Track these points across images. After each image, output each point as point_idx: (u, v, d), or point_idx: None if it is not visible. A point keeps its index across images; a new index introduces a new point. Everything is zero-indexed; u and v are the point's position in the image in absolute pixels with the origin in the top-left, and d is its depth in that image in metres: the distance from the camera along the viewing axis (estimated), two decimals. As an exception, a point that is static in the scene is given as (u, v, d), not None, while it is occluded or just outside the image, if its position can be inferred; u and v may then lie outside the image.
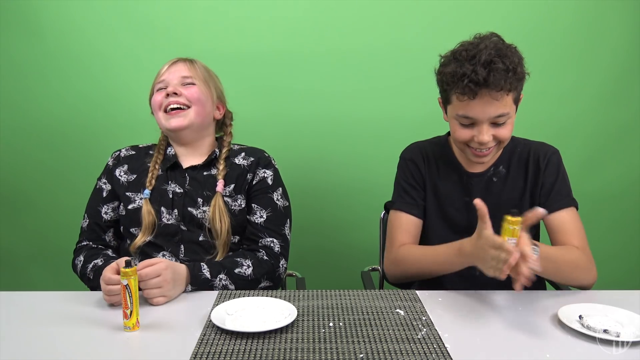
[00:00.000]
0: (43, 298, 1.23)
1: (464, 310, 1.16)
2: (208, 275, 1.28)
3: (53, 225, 2.21)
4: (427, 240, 1.43)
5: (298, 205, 1.85)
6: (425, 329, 1.05)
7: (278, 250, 1.41)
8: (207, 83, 1.46)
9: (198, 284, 1.26)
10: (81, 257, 1.39)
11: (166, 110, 1.41)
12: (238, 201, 1.43)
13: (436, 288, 1.30)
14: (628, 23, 2.09)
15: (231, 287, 1.30)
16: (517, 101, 1.29)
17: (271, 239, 1.41)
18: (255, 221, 1.42)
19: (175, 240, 1.39)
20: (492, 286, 1.36)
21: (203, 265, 1.30)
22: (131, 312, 1.04)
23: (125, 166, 1.47)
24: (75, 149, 2.16)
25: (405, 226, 1.42)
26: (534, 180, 1.37)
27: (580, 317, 1.07)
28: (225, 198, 1.41)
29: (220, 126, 1.55)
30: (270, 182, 1.45)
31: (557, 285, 1.52)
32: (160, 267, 1.18)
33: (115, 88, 2.09)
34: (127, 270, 1.05)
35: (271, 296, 1.18)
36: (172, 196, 1.41)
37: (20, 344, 1.01)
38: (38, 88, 2.12)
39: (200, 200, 1.41)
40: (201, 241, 1.39)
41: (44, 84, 2.11)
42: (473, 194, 1.38)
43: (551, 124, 2.14)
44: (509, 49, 1.22)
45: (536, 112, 2.11)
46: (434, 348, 0.98)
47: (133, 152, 1.51)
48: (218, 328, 1.04)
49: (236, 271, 1.31)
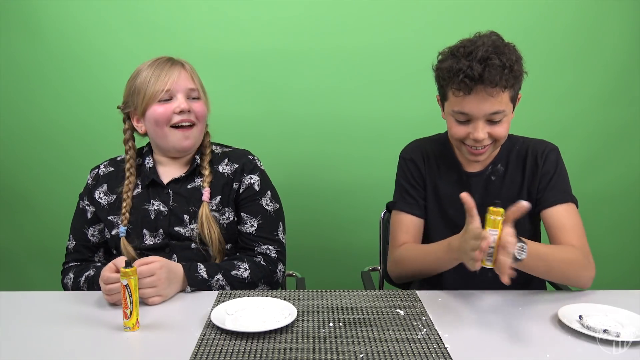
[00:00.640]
0: (43, 298, 1.23)
1: (464, 310, 1.16)
2: (205, 275, 1.27)
3: (53, 225, 2.20)
4: (430, 240, 1.42)
5: (298, 205, 1.85)
6: (425, 329, 1.05)
7: (275, 255, 1.39)
8: (205, 92, 1.40)
9: (195, 284, 1.26)
10: (70, 275, 1.37)
11: (174, 126, 1.34)
12: (226, 214, 1.39)
13: (436, 288, 1.30)
14: (628, 23, 2.09)
15: (227, 289, 1.29)
16: (515, 100, 1.28)
17: (266, 246, 1.39)
18: (247, 231, 1.39)
19: (166, 252, 1.36)
20: (492, 286, 1.36)
21: (200, 265, 1.29)
22: (131, 312, 1.04)
23: (104, 186, 1.42)
24: (75, 149, 2.16)
25: (405, 226, 1.42)
26: (532, 176, 1.36)
27: (580, 317, 1.07)
28: (212, 213, 1.37)
29: None
30: (257, 188, 1.41)
31: (557, 285, 1.52)
32: (154, 267, 1.17)
33: (115, 88, 2.06)
34: (127, 270, 1.05)
35: (271, 296, 1.18)
36: (155, 216, 1.37)
37: (20, 344, 1.01)
38: (38, 88, 2.12)
39: (186, 217, 1.36)
40: (193, 249, 1.37)
41: (44, 84, 2.11)
42: (472, 194, 1.38)
43: (551, 124, 2.14)
44: (507, 47, 1.22)
45: (536, 112, 2.11)
46: (434, 348, 0.98)
47: (111, 169, 1.45)
48: (218, 328, 1.04)
49: (233, 273, 1.31)
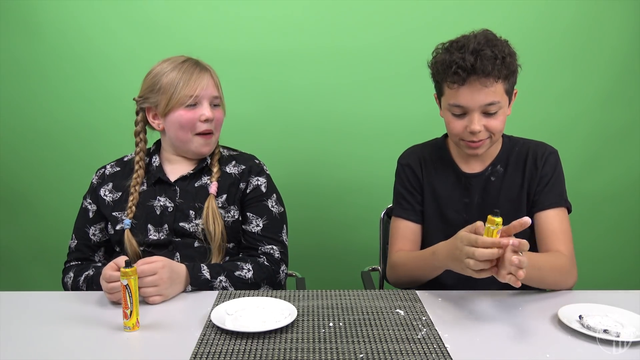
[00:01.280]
0: (43, 298, 1.23)
1: (464, 310, 1.16)
2: (208, 276, 1.28)
3: (54, 225, 2.20)
4: (428, 244, 1.42)
5: (298, 205, 1.85)
6: (425, 329, 1.05)
7: (278, 256, 1.40)
8: (223, 98, 1.43)
9: (198, 285, 1.26)
10: (71, 274, 1.37)
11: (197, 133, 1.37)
12: (231, 212, 1.40)
13: (436, 288, 1.30)
14: (628, 23, 2.09)
15: (230, 290, 1.29)
16: (510, 94, 1.29)
17: (270, 246, 1.40)
18: (252, 230, 1.41)
19: (169, 249, 1.37)
20: (492, 286, 1.36)
21: (203, 266, 1.29)
22: (131, 312, 1.04)
23: (110, 184, 1.44)
24: (76, 148, 2.17)
25: (402, 232, 1.43)
26: (531, 178, 1.36)
27: (580, 317, 1.07)
28: (218, 209, 1.38)
29: None
30: (264, 190, 1.43)
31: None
32: (156, 266, 1.17)
33: (115, 88, 2.09)
34: (127, 270, 1.05)
35: (271, 296, 1.19)
36: (161, 211, 1.39)
37: (20, 344, 1.01)
38: (38, 88, 2.12)
39: (192, 213, 1.38)
40: (197, 247, 1.38)
41: (44, 84, 2.11)
42: (472, 195, 1.38)
43: (550, 124, 2.14)
44: (499, 40, 1.25)
45: (535, 112, 2.12)
46: (434, 348, 0.98)
47: (118, 169, 1.47)
48: (218, 328, 1.04)
49: (236, 274, 1.31)
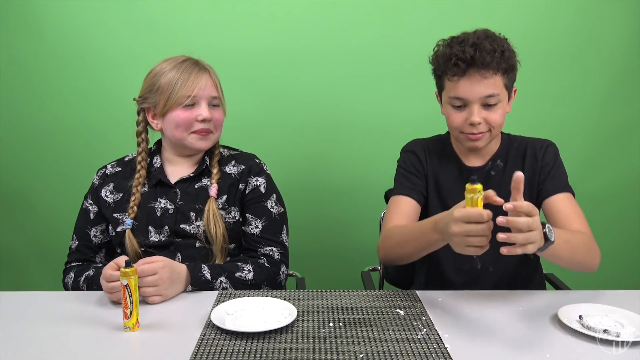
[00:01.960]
0: (43, 298, 1.23)
1: (464, 310, 1.16)
2: (208, 276, 1.27)
3: (54, 225, 2.21)
4: None
5: (298, 204, 1.85)
6: (425, 329, 1.05)
7: (278, 257, 1.40)
8: (223, 98, 1.43)
9: (198, 285, 1.26)
10: (71, 274, 1.37)
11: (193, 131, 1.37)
12: (232, 213, 1.40)
13: (436, 288, 1.30)
14: (628, 22, 2.09)
15: (231, 290, 1.29)
16: (510, 90, 1.30)
17: (270, 248, 1.40)
18: (251, 232, 1.40)
19: (170, 249, 1.37)
20: (493, 284, 1.37)
21: (204, 266, 1.29)
22: (131, 312, 1.04)
23: (110, 185, 1.43)
24: (76, 148, 2.17)
25: (401, 208, 1.38)
26: (532, 170, 1.36)
27: (580, 317, 1.07)
28: (219, 210, 1.38)
29: None
30: (263, 190, 1.43)
31: (557, 285, 1.53)
32: (157, 266, 1.17)
33: (116, 87, 2.09)
34: (127, 270, 1.05)
35: (271, 296, 1.19)
36: (162, 213, 1.39)
37: (20, 344, 1.01)
38: (38, 88, 2.12)
39: (193, 214, 1.38)
40: (198, 247, 1.38)
41: (45, 83, 2.11)
42: None
43: (550, 123, 2.14)
44: (498, 37, 1.28)
45: (536, 111, 2.12)
46: (434, 348, 0.98)
47: (119, 169, 1.47)
48: (218, 328, 1.04)
49: (237, 275, 1.31)
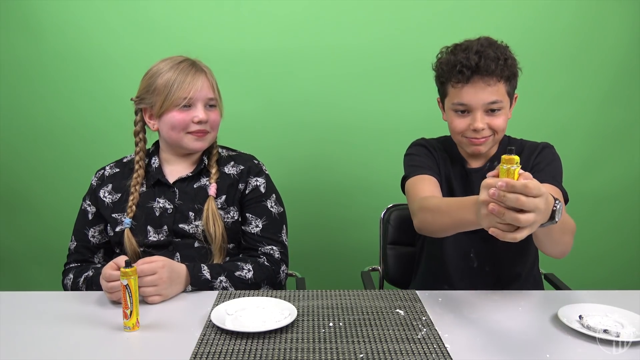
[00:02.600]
0: (43, 298, 1.23)
1: (464, 310, 1.16)
2: (208, 276, 1.27)
3: (54, 225, 2.20)
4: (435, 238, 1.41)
5: (298, 204, 1.85)
6: (425, 329, 1.05)
7: (278, 256, 1.40)
8: (220, 98, 1.42)
9: (198, 285, 1.26)
10: (70, 276, 1.37)
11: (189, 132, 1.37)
12: (230, 213, 1.40)
13: (436, 288, 1.30)
14: (627, 23, 2.09)
15: (231, 290, 1.29)
16: (511, 97, 1.32)
17: (270, 247, 1.40)
18: (251, 231, 1.41)
19: (169, 249, 1.37)
20: (490, 283, 1.37)
21: (203, 266, 1.29)
22: (131, 312, 1.04)
23: (109, 185, 1.43)
24: (76, 149, 2.17)
25: (427, 182, 1.34)
26: (525, 170, 1.35)
27: (580, 317, 1.07)
28: (218, 210, 1.38)
29: None
30: (263, 190, 1.43)
31: (557, 285, 1.53)
32: (156, 266, 1.17)
33: (116, 87, 2.09)
34: (127, 270, 1.05)
35: (271, 296, 1.19)
36: (161, 213, 1.39)
37: (20, 344, 1.01)
38: (38, 88, 2.12)
39: (192, 214, 1.38)
40: (197, 247, 1.38)
41: (44, 84, 2.11)
42: (474, 191, 1.39)
43: (549, 124, 2.14)
44: (501, 44, 1.30)
45: (535, 112, 2.12)
46: (434, 348, 0.98)
47: (117, 170, 1.47)
48: (218, 328, 1.04)
49: (236, 274, 1.31)
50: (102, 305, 1.18)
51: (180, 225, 1.37)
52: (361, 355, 0.95)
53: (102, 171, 1.48)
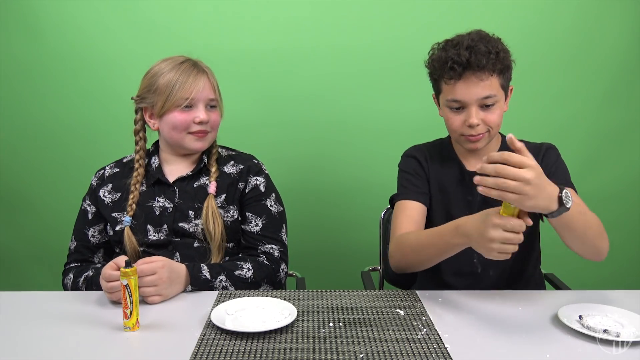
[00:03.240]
0: (43, 298, 1.23)
1: (464, 310, 1.16)
2: (208, 276, 1.28)
3: (54, 225, 2.20)
4: None
5: (298, 205, 1.85)
6: (425, 329, 1.05)
7: (278, 255, 1.40)
8: (221, 99, 1.43)
9: (198, 285, 1.26)
10: (70, 275, 1.38)
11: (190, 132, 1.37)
12: (230, 212, 1.40)
13: (436, 288, 1.30)
14: (626, 23, 2.09)
15: (231, 289, 1.29)
16: (506, 89, 1.31)
17: (270, 246, 1.40)
18: (251, 230, 1.41)
19: (168, 249, 1.37)
20: (492, 286, 1.36)
21: (203, 266, 1.29)
22: (131, 312, 1.04)
23: (109, 185, 1.44)
24: (76, 148, 2.16)
25: (408, 212, 1.38)
26: None
27: (580, 317, 1.07)
28: (217, 209, 1.38)
29: None
30: (262, 189, 1.43)
31: (557, 284, 1.53)
32: (156, 266, 1.17)
33: (116, 87, 2.09)
34: (127, 270, 1.05)
35: (271, 296, 1.19)
36: (160, 212, 1.39)
37: (20, 344, 1.01)
38: (38, 88, 2.12)
39: (192, 213, 1.38)
40: (196, 247, 1.38)
41: (44, 84, 2.11)
42: (475, 192, 1.38)
43: (550, 124, 2.14)
44: (492, 37, 1.28)
45: (535, 112, 2.12)
46: (434, 348, 0.98)
47: (117, 170, 1.47)
48: (218, 328, 1.04)
49: (236, 273, 1.31)
50: (102, 305, 1.18)
51: (180, 224, 1.38)
52: (361, 355, 0.95)
53: (102, 171, 1.48)
